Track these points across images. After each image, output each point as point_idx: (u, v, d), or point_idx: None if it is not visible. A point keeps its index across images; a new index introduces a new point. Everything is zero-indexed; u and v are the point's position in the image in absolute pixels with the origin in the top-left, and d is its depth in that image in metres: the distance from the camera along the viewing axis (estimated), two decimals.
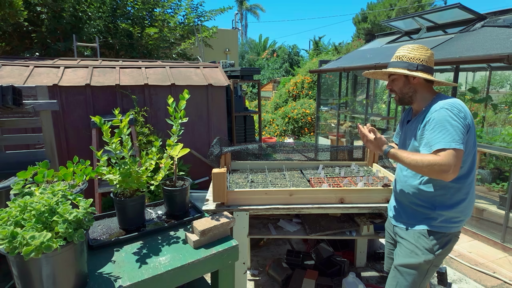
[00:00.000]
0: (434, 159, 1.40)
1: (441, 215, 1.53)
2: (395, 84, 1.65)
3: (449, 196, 1.52)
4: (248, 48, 29.59)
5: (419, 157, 1.45)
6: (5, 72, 3.71)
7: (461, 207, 1.53)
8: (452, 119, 1.41)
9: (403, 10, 17.85)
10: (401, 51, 1.64)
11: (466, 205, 1.55)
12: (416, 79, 1.59)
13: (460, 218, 1.54)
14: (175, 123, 1.45)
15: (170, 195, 1.54)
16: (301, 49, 25.34)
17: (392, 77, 1.66)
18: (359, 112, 6.26)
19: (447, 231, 1.54)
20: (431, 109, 1.51)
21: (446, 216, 1.53)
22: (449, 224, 1.53)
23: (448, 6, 4.57)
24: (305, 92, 11.84)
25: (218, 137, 2.77)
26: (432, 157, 1.41)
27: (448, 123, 1.41)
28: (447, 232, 1.54)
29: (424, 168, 1.42)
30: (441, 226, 1.53)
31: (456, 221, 1.54)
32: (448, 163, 1.37)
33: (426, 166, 1.41)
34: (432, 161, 1.40)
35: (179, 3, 8.37)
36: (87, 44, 6.25)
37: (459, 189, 1.52)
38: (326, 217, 2.61)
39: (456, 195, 1.53)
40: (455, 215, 1.53)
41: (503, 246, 3.23)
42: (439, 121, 1.44)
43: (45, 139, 1.96)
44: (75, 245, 0.96)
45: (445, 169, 1.37)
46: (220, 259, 1.34)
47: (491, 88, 5.61)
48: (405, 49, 1.62)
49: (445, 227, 1.53)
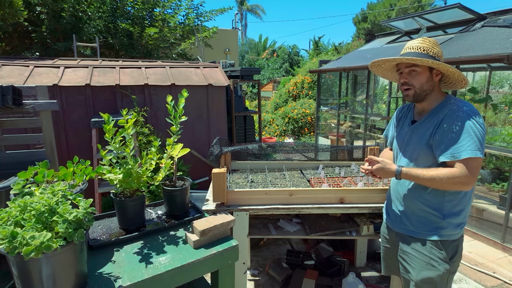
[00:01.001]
0: (453, 173, 1.36)
1: (450, 224, 1.49)
2: (416, 78, 1.48)
3: (457, 202, 1.48)
4: (248, 48, 29.59)
5: (435, 172, 1.39)
6: (5, 72, 3.71)
7: (465, 212, 1.51)
8: (475, 125, 1.36)
9: (403, 10, 17.84)
10: (423, 43, 1.49)
11: (469, 208, 1.54)
12: (437, 76, 1.49)
13: (464, 222, 1.53)
14: (174, 122, 1.45)
15: (170, 195, 1.54)
16: (301, 49, 25.36)
17: (412, 69, 1.48)
18: (359, 112, 6.26)
19: (456, 237, 1.51)
20: (447, 112, 1.43)
21: (454, 223, 1.49)
22: (456, 231, 1.51)
23: (448, 6, 4.57)
24: (305, 92, 11.84)
25: (218, 137, 2.77)
26: (449, 171, 1.37)
27: (472, 130, 1.35)
28: (456, 239, 1.52)
29: (445, 183, 1.39)
30: (450, 234, 1.50)
31: (462, 226, 1.53)
32: (469, 175, 1.34)
33: (446, 182, 1.37)
34: (450, 175, 1.36)
35: (179, 3, 8.37)
36: (87, 44, 6.25)
37: (466, 194, 1.49)
38: (326, 217, 2.61)
39: (463, 200, 1.49)
40: (461, 220, 1.51)
41: (503, 246, 3.23)
42: (463, 128, 1.36)
43: (45, 139, 1.96)
44: (75, 245, 0.96)
45: (466, 181, 1.35)
46: (220, 259, 1.34)
47: (491, 88, 5.60)
48: (427, 42, 1.48)
49: (454, 234, 1.51)
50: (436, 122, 1.46)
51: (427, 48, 1.46)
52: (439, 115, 1.46)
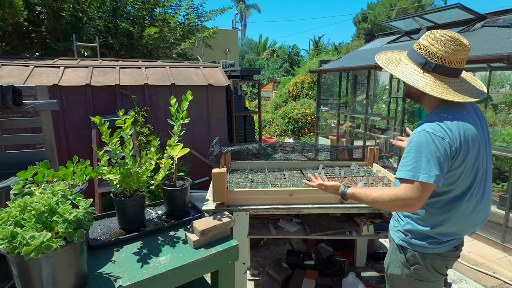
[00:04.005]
0: (395, 193, 1.25)
1: (410, 232, 1.38)
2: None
3: (427, 216, 1.34)
4: (248, 48, 29.60)
5: (378, 193, 1.32)
6: (5, 72, 3.71)
7: (436, 230, 1.33)
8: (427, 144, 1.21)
9: (403, 10, 17.85)
10: (426, 39, 1.32)
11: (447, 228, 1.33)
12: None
13: (437, 239, 1.34)
14: (176, 123, 1.45)
15: (170, 195, 1.54)
16: (301, 49, 25.34)
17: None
18: (359, 112, 6.26)
19: (419, 250, 1.35)
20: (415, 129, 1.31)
21: (416, 233, 1.37)
22: (419, 242, 1.35)
23: (448, 6, 4.57)
24: (305, 92, 11.84)
25: (218, 137, 2.77)
26: (393, 191, 1.27)
27: (419, 149, 1.22)
28: (421, 252, 1.35)
29: (387, 205, 1.30)
30: (411, 244, 1.38)
31: (432, 242, 1.34)
32: (410, 197, 1.21)
33: (389, 203, 1.28)
34: (393, 195, 1.26)
35: (179, 3, 8.38)
36: (87, 44, 6.25)
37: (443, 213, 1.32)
38: (326, 217, 2.61)
39: (435, 217, 1.33)
40: (430, 233, 1.34)
41: (503, 246, 3.23)
42: (411, 145, 1.26)
43: (45, 139, 1.96)
44: (75, 245, 0.96)
45: (408, 203, 1.23)
46: (220, 259, 1.34)
47: (491, 88, 5.60)
48: (431, 38, 1.30)
49: (417, 246, 1.36)
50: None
51: (424, 46, 1.32)
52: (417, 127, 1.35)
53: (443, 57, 1.28)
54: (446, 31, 1.29)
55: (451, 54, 1.27)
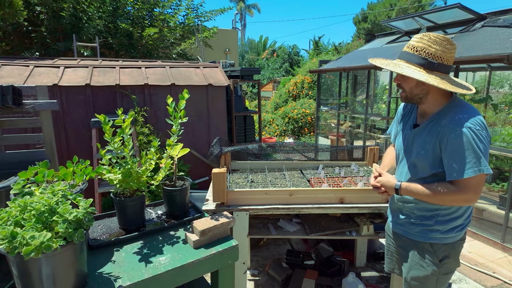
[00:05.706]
0: (454, 191, 1.33)
1: (443, 228, 1.46)
2: (406, 81, 1.41)
3: (454, 209, 1.44)
4: (248, 48, 29.60)
5: (435, 189, 1.36)
6: (5, 72, 3.71)
7: (463, 218, 1.46)
8: (476, 140, 1.27)
9: (403, 10, 17.84)
10: (420, 41, 1.36)
11: (469, 213, 1.48)
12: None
13: (461, 225, 1.47)
14: (174, 123, 1.45)
15: (170, 195, 1.54)
16: (301, 49, 25.35)
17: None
18: (359, 112, 6.26)
19: (448, 241, 1.47)
20: (449, 122, 1.34)
21: (447, 228, 1.46)
22: (449, 235, 1.46)
23: (448, 6, 4.57)
24: (305, 92, 11.84)
25: (218, 137, 2.77)
26: (451, 189, 1.33)
27: (472, 146, 1.28)
28: (449, 242, 1.47)
29: (446, 201, 1.38)
30: (442, 237, 1.46)
31: (458, 230, 1.47)
32: (471, 193, 1.31)
33: (447, 199, 1.36)
34: (452, 193, 1.33)
35: (179, 3, 8.38)
36: (87, 44, 6.25)
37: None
38: (326, 217, 2.61)
39: (461, 208, 1.45)
40: (457, 224, 1.46)
41: (503, 246, 3.23)
42: (463, 144, 1.29)
43: (45, 139, 1.96)
44: (75, 245, 0.96)
45: (468, 199, 1.33)
46: (220, 259, 1.34)
47: (491, 88, 5.61)
48: (426, 40, 1.34)
49: (446, 238, 1.46)
50: (437, 133, 1.38)
51: (421, 48, 1.34)
52: (441, 123, 1.37)
53: (442, 56, 1.34)
54: (435, 33, 1.37)
55: (447, 53, 1.35)
